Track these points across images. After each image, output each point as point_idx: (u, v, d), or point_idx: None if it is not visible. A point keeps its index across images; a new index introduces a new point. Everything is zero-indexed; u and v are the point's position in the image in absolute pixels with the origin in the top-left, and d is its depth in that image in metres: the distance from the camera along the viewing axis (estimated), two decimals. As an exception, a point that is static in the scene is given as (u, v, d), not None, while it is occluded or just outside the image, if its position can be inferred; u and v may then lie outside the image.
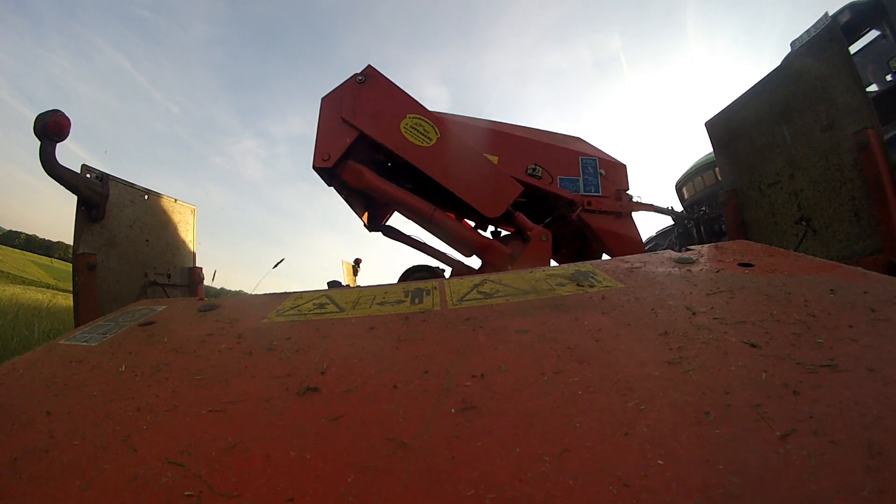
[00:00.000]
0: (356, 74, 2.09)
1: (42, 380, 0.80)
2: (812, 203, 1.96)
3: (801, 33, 3.90)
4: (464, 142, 2.11)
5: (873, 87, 3.89)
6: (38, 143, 1.61)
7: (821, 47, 1.85)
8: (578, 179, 2.45)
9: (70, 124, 1.65)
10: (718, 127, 2.59)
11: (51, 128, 1.60)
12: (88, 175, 1.87)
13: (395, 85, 2.08)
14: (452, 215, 2.30)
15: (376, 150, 2.12)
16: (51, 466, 0.54)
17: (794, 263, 0.93)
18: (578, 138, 2.70)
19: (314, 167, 2.07)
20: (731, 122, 2.48)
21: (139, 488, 0.48)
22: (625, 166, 2.58)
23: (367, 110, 2.04)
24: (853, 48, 3.83)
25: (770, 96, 2.16)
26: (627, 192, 2.55)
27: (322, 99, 2.11)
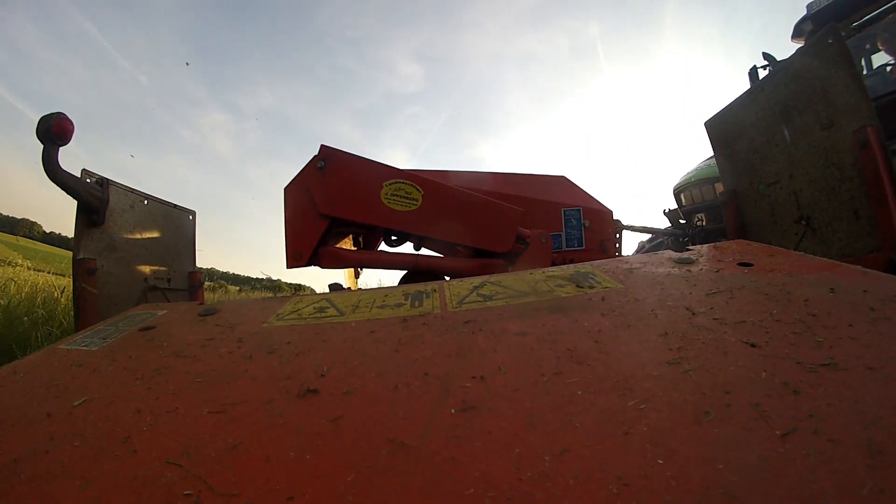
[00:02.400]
0: (315, 159, 1.92)
1: (42, 383, 0.80)
2: (811, 202, 1.96)
3: None
4: (450, 190, 1.98)
5: (882, 60, 3.80)
6: (41, 146, 1.60)
7: (820, 46, 1.85)
8: (561, 235, 2.34)
9: (73, 128, 1.63)
10: (717, 127, 2.59)
11: (54, 131, 1.58)
12: (88, 180, 1.87)
13: (358, 157, 1.94)
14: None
15: (355, 225, 2.00)
16: (51, 467, 0.54)
17: (793, 263, 0.93)
18: (562, 179, 2.55)
19: (288, 268, 1.96)
20: (730, 122, 2.48)
21: (139, 488, 0.48)
22: (610, 213, 2.45)
23: (342, 196, 1.90)
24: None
25: (769, 96, 2.16)
26: (612, 240, 2.42)
27: (285, 189, 1.97)
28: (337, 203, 1.90)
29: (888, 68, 3.62)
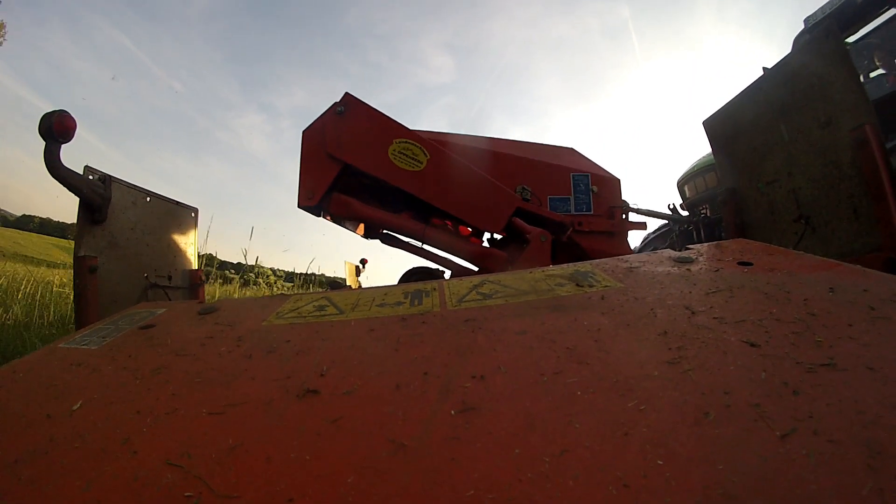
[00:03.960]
0: (335, 104, 2.04)
1: (42, 383, 0.80)
2: (811, 201, 1.96)
3: (815, 10, 3.85)
4: (455, 160, 2.06)
5: (880, 72, 3.81)
6: (43, 143, 1.60)
7: (818, 44, 1.85)
8: (570, 198, 2.39)
9: (75, 125, 1.64)
10: (716, 126, 2.59)
11: (56, 129, 1.58)
12: (91, 177, 1.86)
13: (377, 110, 2.04)
14: (449, 223, 2.28)
15: (363, 175, 2.08)
16: (50, 468, 0.54)
17: (793, 262, 0.93)
18: (571, 150, 2.61)
19: (299, 206, 2.04)
20: (729, 120, 2.48)
21: (139, 489, 0.48)
22: (618, 181, 2.50)
23: (353, 141, 2.00)
24: (866, 29, 3.74)
25: (767, 94, 2.16)
26: (621, 207, 2.45)
27: (303, 132, 2.07)
28: (345, 147, 1.99)
29: (886, 80, 3.65)
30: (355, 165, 2.00)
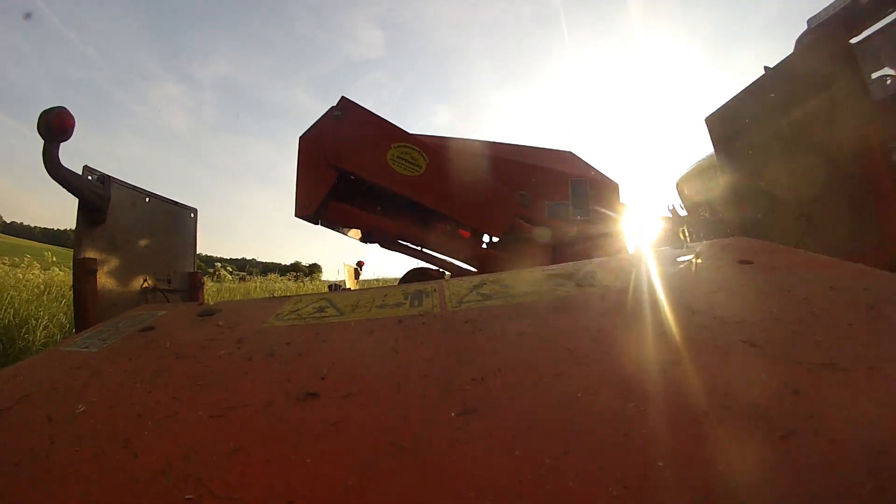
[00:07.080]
0: (332, 109, 2.04)
1: (43, 385, 0.80)
2: (812, 199, 1.95)
3: (818, 11, 3.80)
4: (454, 164, 2.06)
5: (888, 71, 3.77)
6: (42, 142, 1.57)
7: (823, 44, 1.85)
8: (568, 203, 2.40)
9: (74, 122, 1.58)
10: (718, 124, 2.58)
11: (55, 126, 1.54)
12: (90, 177, 1.85)
13: (374, 114, 2.03)
14: (448, 226, 2.28)
15: (361, 182, 2.08)
16: (51, 470, 0.54)
17: (794, 260, 0.93)
18: (570, 153, 2.62)
19: (296, 215, 2.04)
20: (732, 118, 2.47)
21: (140, 493, 0.48)
22: (617, 185, 2.51)
23: (351, 147, 1.99)
24: (871, 30, 3.71)
25: (770, 92, 2.15)
26: (618, 211, 2.47)
27: (300, 138, 2.06)
28: (344, 155, 1.99)
29: (888, 80, 3.62)
30: (354, 172, 2.00)
